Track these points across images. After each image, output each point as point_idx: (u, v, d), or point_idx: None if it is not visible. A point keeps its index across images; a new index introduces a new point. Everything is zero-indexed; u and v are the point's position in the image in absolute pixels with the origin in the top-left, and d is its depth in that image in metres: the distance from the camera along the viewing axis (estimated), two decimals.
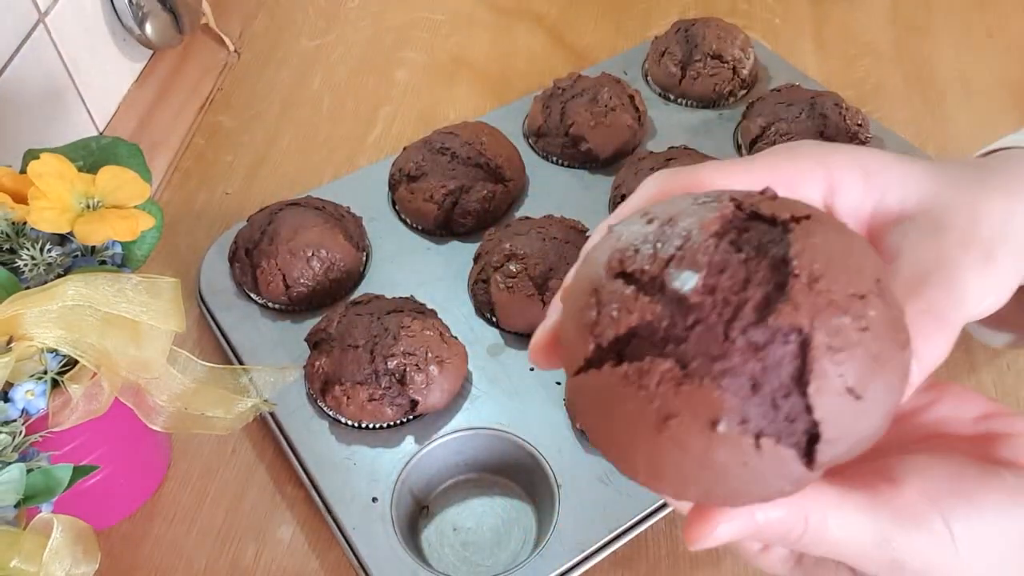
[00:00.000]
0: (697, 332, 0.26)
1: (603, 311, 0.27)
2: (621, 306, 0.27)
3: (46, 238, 0.52)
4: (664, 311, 0.26)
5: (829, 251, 0.27)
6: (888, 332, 0.27)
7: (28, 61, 0.74)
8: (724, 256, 0.27)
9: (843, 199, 0.35)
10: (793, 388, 0.25)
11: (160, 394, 0.54)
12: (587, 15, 1.03)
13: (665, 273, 0.27)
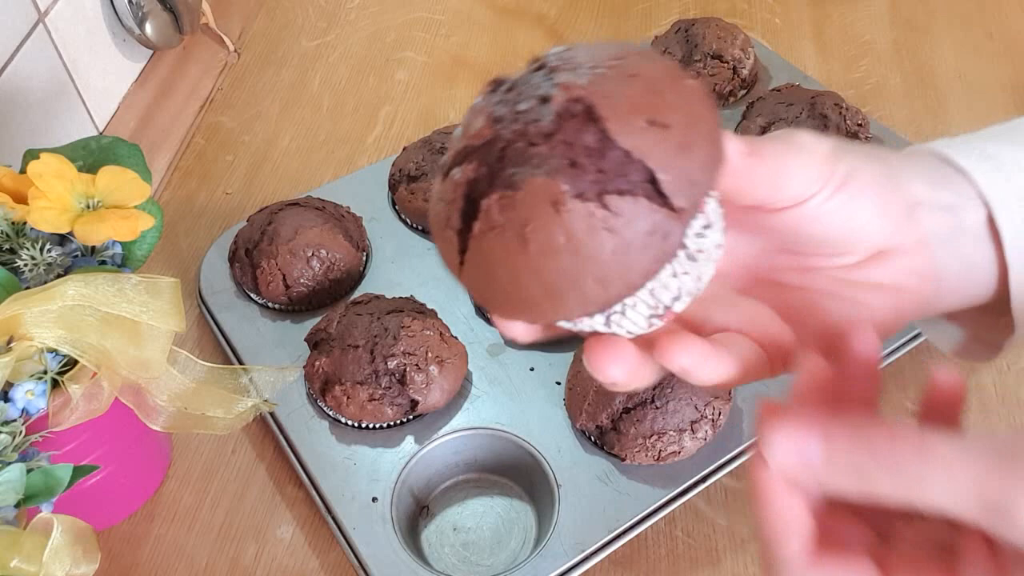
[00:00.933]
0: (507, 156, 0.28)
1: (446, 206, 0.29)
2: (452, 189, 0.29)
3: (46, 238, 0.52)
4: (480, 167, 0.28)
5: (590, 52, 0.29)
6: (661, 72, 0.28)
7: (28, 61, 0.74)
8: (502, 105, 0.29)
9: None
10: (602, 145, 0.27)
11: (160, 394, 0.54)
12: (587, 15, 1.03)
13: (467, 139, 0.29)
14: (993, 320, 0.41)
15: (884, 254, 0.37)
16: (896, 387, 0.68)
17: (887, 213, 0.36)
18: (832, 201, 0.35)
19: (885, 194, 0.36)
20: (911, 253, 0.37)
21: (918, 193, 0.38)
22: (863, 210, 0.35)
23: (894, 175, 0.37)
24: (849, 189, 0.35)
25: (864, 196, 0.35)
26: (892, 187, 0.36)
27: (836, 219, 0.35)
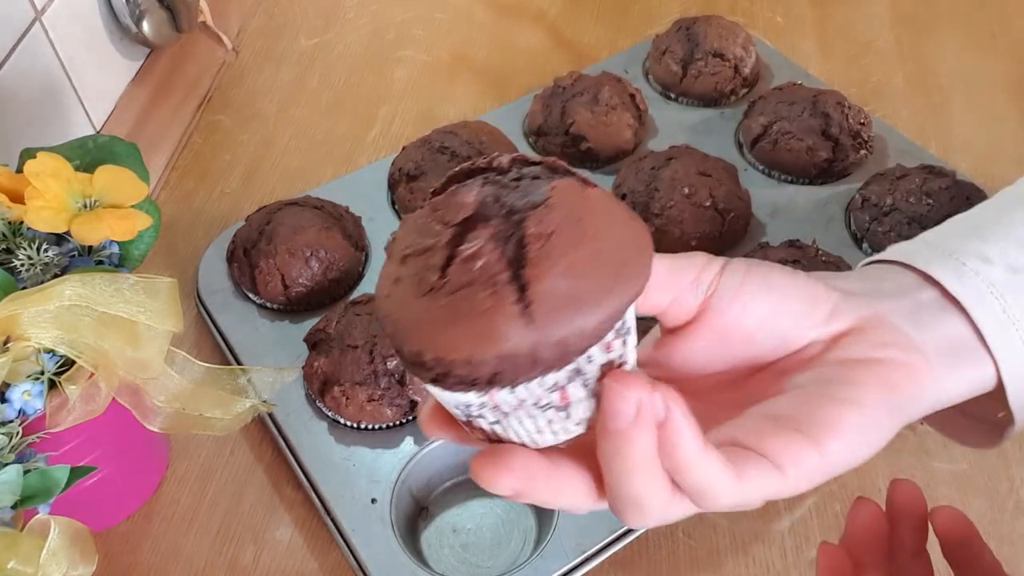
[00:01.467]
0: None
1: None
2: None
3: (43, 238, 0.51)
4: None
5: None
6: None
7: (24, 60, 0.74)
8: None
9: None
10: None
11: (158, 395, 0.53)
12: (588, 13, 1.03)
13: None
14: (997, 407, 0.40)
15: (844, 335, 0.36)
16: None
17: (797, 301, 0.36)
18: (731, 308, 0.35)
19: (784, 287, 0.36)
20: (873, 329, 0.36)
21: (850, 287, 0.38)
22: (762, 306, 0.36)
23: (801, 275, 0.37)
24: (742, 295, 0.35)
25: (757, 294, 0.36)
26: (798, 281, 0.37)
27: (745, 322, 0.36)
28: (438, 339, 0.28)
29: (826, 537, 0.61)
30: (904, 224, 0.71)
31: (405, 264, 0.30)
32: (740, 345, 0.36)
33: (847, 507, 0.62)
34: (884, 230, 0.71)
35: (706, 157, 0.76)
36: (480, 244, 0.29)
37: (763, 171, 0.80)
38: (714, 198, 0.73)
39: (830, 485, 0.63)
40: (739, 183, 0.75)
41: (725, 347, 0.36)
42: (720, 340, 0.36)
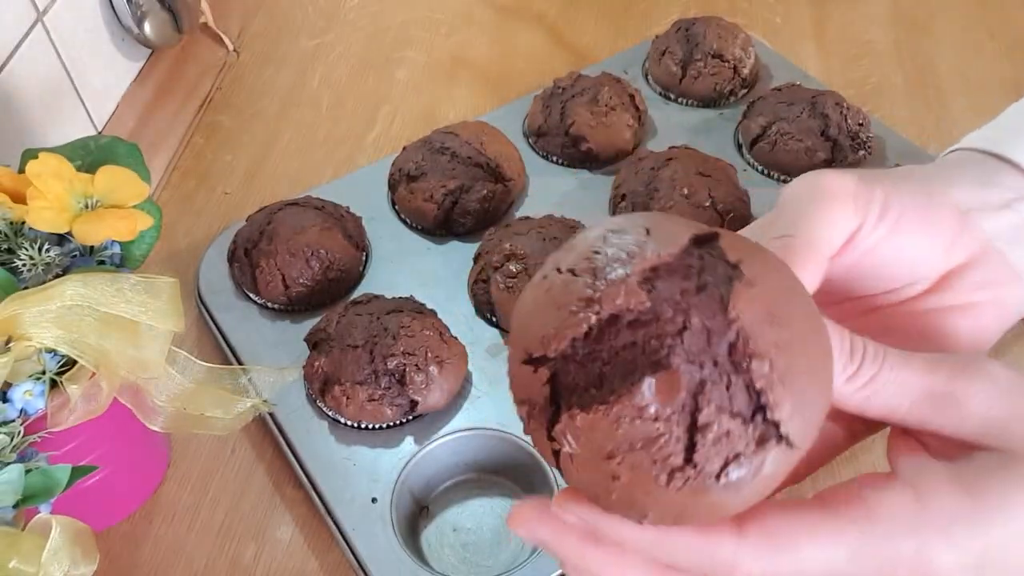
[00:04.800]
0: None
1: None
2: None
3: (44, 238, 0.52)
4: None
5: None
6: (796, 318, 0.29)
7: (26, 60, 0.74)
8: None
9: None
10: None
11: (159, 394, 0.53)
12: (587, 14, 1.03)
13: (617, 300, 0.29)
14: None
15: (951, 274, 0.35)
16: None
17: (937, 233, 0.34)
18: (875, 235, 0.33)
19: (928, 214, 0.34)
20: (978, 264, 0.35)
21: (965, 200, 0.36)
22: (910, 237, 0.34)
23: (933, 191, 0.35)
24: (889, 218, 0.33)
25: (907, 221, 0.34)
26: (935, 204, 0.35)
27: (885, 253, 0.34)
28: (720, 512, 0.28)
29: None
30: None
31: (623, 460, 0.28)
32: (867, 276, 0.35)
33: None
34: None
35: (705, 158, 0.76)
36: (716, 418, 0.27)
37: (762, 172, 0.81)
38: (713, 198, 0.73)
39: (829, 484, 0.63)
40: (738, 184, 0.75)
41: (851, 277, 0.35)
42: (848, 270, 0.34)
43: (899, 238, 0.34)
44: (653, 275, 0.28)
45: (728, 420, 0.28)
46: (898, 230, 0.34)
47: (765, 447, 0.28)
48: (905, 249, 0.34)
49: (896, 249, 0.34)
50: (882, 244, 0.34)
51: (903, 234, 0.34)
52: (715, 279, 0.28)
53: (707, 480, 0.28)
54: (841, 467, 0.64)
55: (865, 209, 0.33)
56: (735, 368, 0.28)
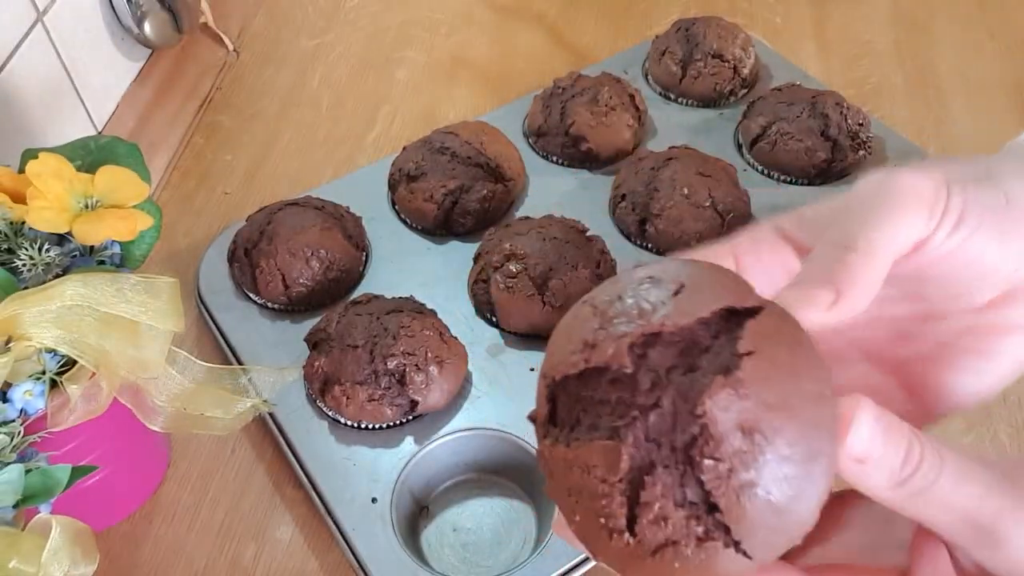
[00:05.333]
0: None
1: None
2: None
3: (44, 238, 0.51)
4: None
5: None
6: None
7: (26, 61, 0.74)
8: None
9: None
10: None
11: (159, 394, 0.53)
12: (587, 14, 1.03)
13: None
14: None
15: (1018, 291, 0.33)
16: None
17: (1012, 240, 0.32)
18: (947, 244, 0.31)
19: (1006, 223, 0.32)
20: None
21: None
22: (984, 244, 0.32)
23: (1013, 197, 0.32)
24: (965, 228, 0.31)
25: (983, 229, 0.31)
26: (1013, 209, 0.32)
27: (958, 259, 0.32)
28: None
29: None
30: None
31: (576, 500, 0.29)
32: (931, 282, 0.33)
33: None
34: None
35: (705, 158, 0.76)
36: (657, 499, 0.27)
37: (762, 172, 0.81)
38: (713, 198, 0.73)
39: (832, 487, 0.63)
40: (738, 183, 0.75)
41: (912, 280, 0.33)
42: (911, 273, 0.32)
43: (973, 247, 0.31)
44: (652, 340, 0.28)
45: (672, 507, 0.27)
46: (973, 238, 0.31)
47: (709, 546, 0.27)
48: (978, 258, 0.32)
49: (968, 258, 0.32)
50: (954, 253, 0.31)
51: (977, 243, 0.31)
52: (712, 366, 0.27)
53: (645, 552, 0.27)
54: None
55: (941, 218, 0.31)
56: (689, 461, 0.27)
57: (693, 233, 0.72)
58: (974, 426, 0.66)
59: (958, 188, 0.31)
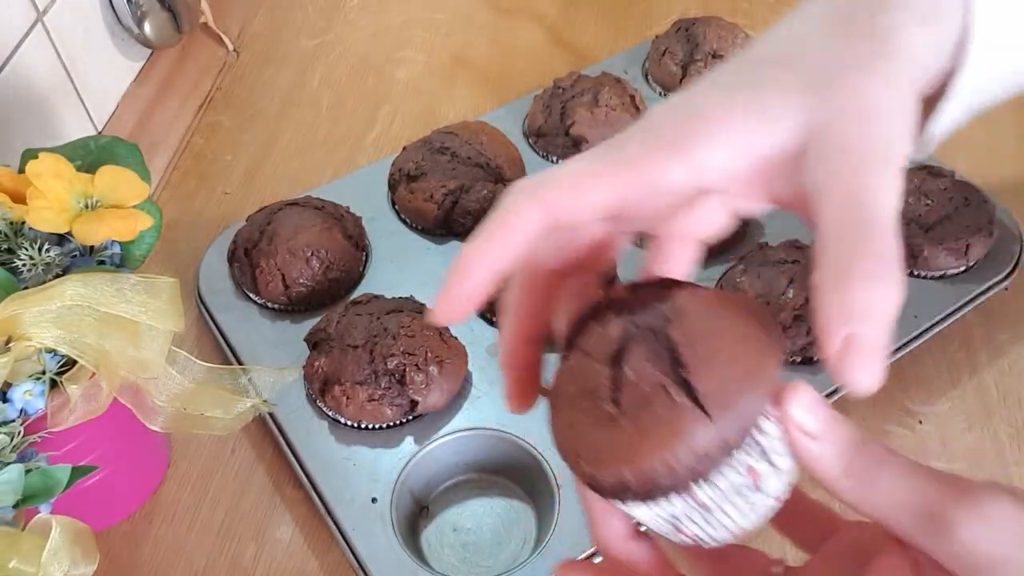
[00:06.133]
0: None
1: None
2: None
3: (44, 238, 0.52)
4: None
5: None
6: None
7: (26, 60, 0.74)
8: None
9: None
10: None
11: (159, 394, 0.53)
12: (587, 14, 1.03)
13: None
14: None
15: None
16: (897, 388, 0.68)
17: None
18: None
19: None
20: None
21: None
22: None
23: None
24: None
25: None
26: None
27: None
28: (636, 459, 0.31)
29: None
30: (903, 224, 0.71)
31: (576, 406, 0.33)
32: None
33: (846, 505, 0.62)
34: None
35: None
36: (640, 368, 0.31)
37: None
38: None
39: None
40: None
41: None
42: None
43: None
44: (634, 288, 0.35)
45: (648, 369, 0.31)
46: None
47: (679, 405, 0.30)
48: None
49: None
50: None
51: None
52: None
53: (627, 420, 0.31)
54: None
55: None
56: (662, 333, 0.32)
57: None
58: (974, 426, 0.66)
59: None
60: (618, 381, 0.31)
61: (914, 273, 0.71)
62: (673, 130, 0.32)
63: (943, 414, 0.67)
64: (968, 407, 0.67)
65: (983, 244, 0.70)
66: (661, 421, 0.30)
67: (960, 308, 0.70)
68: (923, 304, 0.69)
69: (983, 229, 0.70)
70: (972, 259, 0.71)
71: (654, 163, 0.32)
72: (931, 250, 0.69)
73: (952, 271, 0.71)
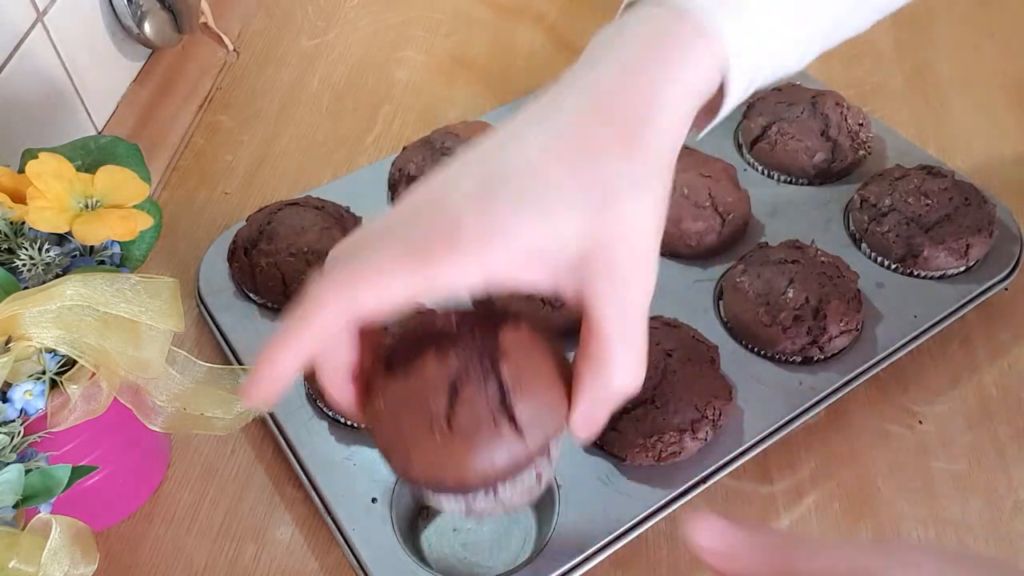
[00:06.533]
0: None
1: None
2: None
3: (44, 238, 0.51)
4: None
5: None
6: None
7: (26, 61, 0.74)
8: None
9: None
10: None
11: (159, 394, 0.53)
12: (587, 14, 1.03)
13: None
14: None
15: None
16: (897, 388, 0.68)
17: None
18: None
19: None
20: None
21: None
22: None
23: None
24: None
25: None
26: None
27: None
28: (463, 471, 0.39)
29: (825, 535, 0.61)
30: (903, 224, 0.71)
31: (412, 423, 0.39)
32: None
33: (847, 505, 0.62)
34: (883, 230, 0.72)
35: (705, 158, 0.76)
36: (472, 398, 0.39)
37: (762, 172, 0.81)
38: (713, 198, 0.73)
39: (829, 484, 0.63)
40: (738, 183, 0.75)
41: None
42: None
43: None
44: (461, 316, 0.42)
45: (479, 399, 0.39)
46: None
47: (499, 426, 0.39)
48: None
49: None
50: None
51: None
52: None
53: (457, 438, 0.39)
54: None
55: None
56: (492, 367, 0.39)
57: (693, 233, 0.72)
58: (974, 426, 0.66)
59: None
60: (453, 406, 0.39)
61: (914, 273, 0.71)
62: (473, 228, 0.36)
63: (943, 414, 0.67)
64: (968, 407, 0.67)
65: (983, 244, 0.70)
66: (487, 442, 0.39)
67: (960, 308, 0.70)
68: (923, 304, 0.69)
69: (983, 229, 0.70)
70: (972, 259, 0.71)
71: (454, 264, 0.36)
72: (931, 250, 0.69)
73: (952, 271, 0.71)
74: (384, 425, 0.41)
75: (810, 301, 0.65)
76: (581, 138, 0.39)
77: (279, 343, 0.37)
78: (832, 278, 0.67)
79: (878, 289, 0.70)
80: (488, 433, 0.39)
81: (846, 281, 0.67)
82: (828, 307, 0.65)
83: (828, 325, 0.65)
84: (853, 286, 0.67)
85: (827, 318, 0.65)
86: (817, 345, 0.65)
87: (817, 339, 0.65)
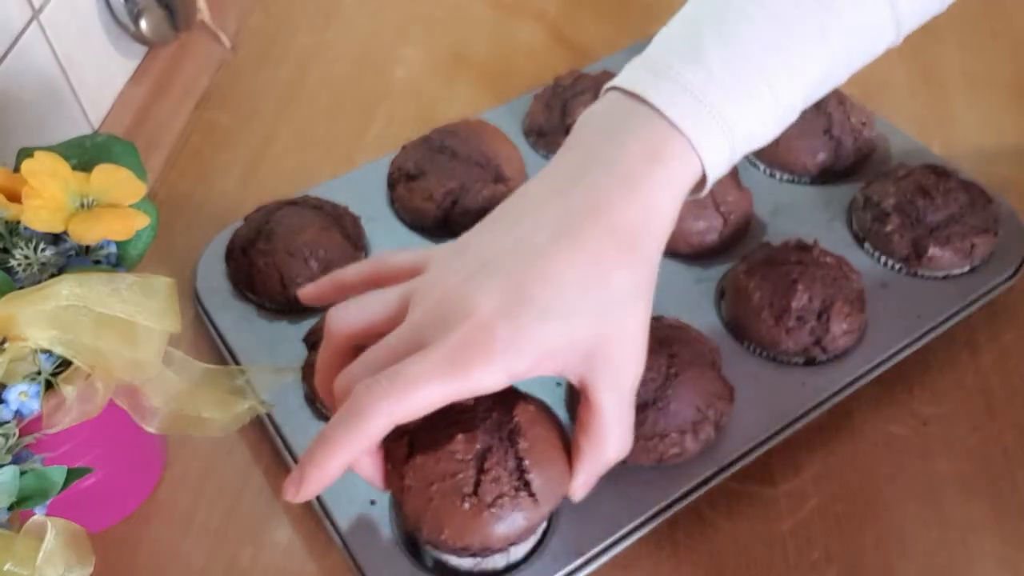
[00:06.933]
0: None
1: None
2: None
3: (40, 237, 0.51)
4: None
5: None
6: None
7: (22, 58, 0.74)
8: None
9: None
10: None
11: (155, 395, 0.53)
12: (588, 12, 1.02)
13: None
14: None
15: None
16: (901, 389, 0.68)
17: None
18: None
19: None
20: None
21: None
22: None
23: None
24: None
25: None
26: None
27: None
28: (488, 535, 0.48)
29: (828, 538, 0.61)
30: (907, 224, 0.71)
31: (441, 492, 0.47)
32: None
33: (849, 508, 0.62)
34: (887, 230, 0.71)
35: None
36: (496, 471, 0.47)
37: (764, 170, 0.80)
38: (715, 198, 0.72)
39: (832, 486, 0.63)
40: (740, 182, 0.75)
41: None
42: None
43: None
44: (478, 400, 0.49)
45: (502, 471, 0.47)
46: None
47: (519, 495, 0.47)
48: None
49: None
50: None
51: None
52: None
53: (484, 506, 0.47)
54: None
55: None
56: (511, 442, 0.48)
57: (694, 232, 0.72)
58: (979, 427, 0.66)
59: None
60: (479, 480, 0.47)
61: (918, 273, 0.71)
62: (506, 340, 0.42)
63: (947, 415, 0.67)
64: (973, 408, 0.67)
65: (988, 244, 0.70)
66: (510, 511, 0.47)
67: (965, 308, 0.69)
68: (927, 304, 0.69)
69: (988, 229, 0.70)
70: (977, 259, 0.70)
71: (489, 373, 0.43)
72: (936, 250, 0.69)
73: (957, 271, 0.70)
74: (414, 496, 0.47)
75: (813, 301, 0.65)
76: (592, 252, 0.44)
77: (329, 450, 0.42)
78: (835, 278, 0.66)
79: (882, 289, 0.70)
80: (510, 503, 0.47)
81: (849, 281, 0.67)
82: (831, 307, 0.65)
83: (831, 325, 0.64)
84: (856, 286, 0.67)
85: (830, 319, 0.64)
86: (820, 346, 0.65)
87: (820, 340, 0.64)
